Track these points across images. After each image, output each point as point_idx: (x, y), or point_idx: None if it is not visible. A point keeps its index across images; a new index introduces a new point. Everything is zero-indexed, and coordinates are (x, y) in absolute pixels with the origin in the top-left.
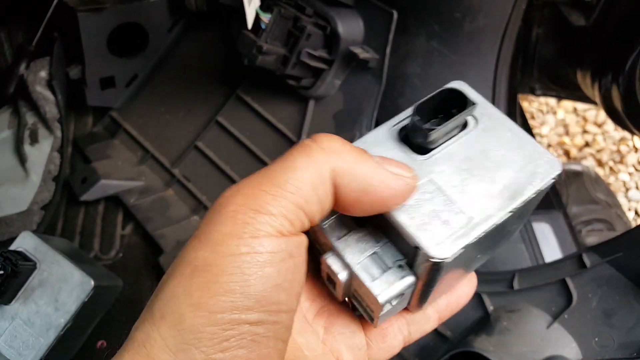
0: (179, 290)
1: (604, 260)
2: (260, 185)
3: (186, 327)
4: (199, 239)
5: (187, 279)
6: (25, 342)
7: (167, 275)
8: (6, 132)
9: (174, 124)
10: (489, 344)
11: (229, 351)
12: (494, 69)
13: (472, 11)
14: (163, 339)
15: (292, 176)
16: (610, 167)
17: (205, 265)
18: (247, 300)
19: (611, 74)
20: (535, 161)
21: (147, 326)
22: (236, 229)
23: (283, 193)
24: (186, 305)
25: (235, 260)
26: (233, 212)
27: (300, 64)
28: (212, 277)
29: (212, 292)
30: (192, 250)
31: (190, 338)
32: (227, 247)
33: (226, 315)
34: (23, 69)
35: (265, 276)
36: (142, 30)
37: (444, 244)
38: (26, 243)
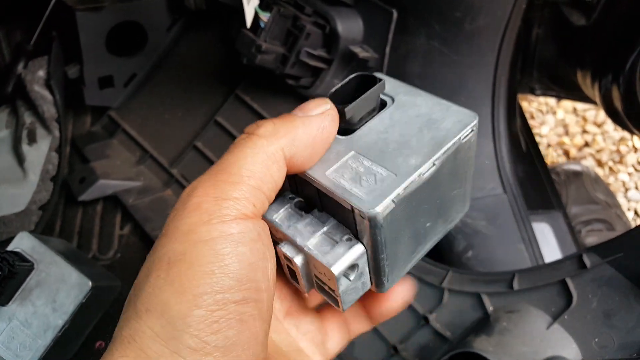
0: (159, 283)
1: (604, 261)
2: (217, 176)
3: (174, 314)
4: (167, 235)
5: (165, 271)
6: (22, 343)
7: (142, 274)
8: (4, 132)
9: (173, 123)
10: (489, 345)
11: (220, 332)
12: (494, 69)
13: (473, 11)
14: (152, 330)
15: (244, 163)
16: (609, 167)
17: (179, 254)
18: (228, 279)
19: (611, 74)
20: (452, 117)
21: (133, 322)
22: (203, 217)
23: (240, 178)
24: (169, 294)
25: (208, 245)
26: (196, 203)
27: (300, 63)
28: (189, 264)
29: (192, 277)
30: (162, 246)
31: (180, 324)
32: (197, 235)
33: (211, 296)
34: (21, 68)
35: (239, 254)
36: (141, 30)
37: (374, 200)
38: (23, 243)
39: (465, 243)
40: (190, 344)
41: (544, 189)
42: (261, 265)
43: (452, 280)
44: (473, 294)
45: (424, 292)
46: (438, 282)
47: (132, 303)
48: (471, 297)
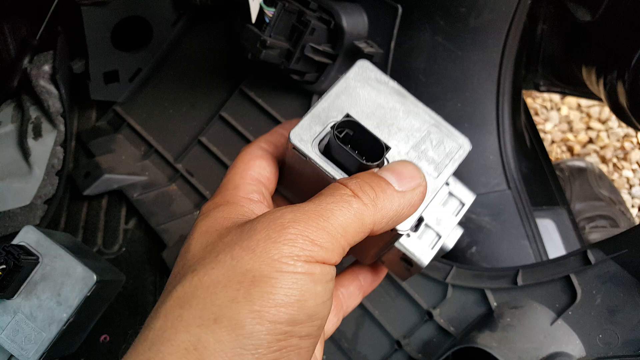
0: (238, 297)
1: (609, 257)
2: (319, 221)
3: (246, 333)
4: (254, 252)
5: (247, 287)
6: (27, 336)
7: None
8: (9, 126)
9: (178, 118)
10: (493, 340)
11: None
12: (499, 65)
13: (478, 6)
14: (218, 343)
15: (344, 222)
16: (614, 163)
17: (264, 277)
18: (302, 315)
19: (617, 70)
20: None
21: (196, 329)
22: (294, 250)
23: (335, 234)
24: (247, 312)
25: (293, 277)
26: (294, 235)
27: (304, 58)
28: (272, 288)
29: (273, 303)
30: (248, 262)
31: (247, 344)
32: (285, 265)
33: (283, 326)
34: (26, 62)
35: (317, 294)
36: (146, 24)
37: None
38: (29, 237)
39: (469, 239)
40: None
41: (548, 185)
42: (328, 305)
43: (456, 276)
44: (477, 290)
45: (428, 287)
46: (442, 278)
47: (196, 307)
48: (475, 292)
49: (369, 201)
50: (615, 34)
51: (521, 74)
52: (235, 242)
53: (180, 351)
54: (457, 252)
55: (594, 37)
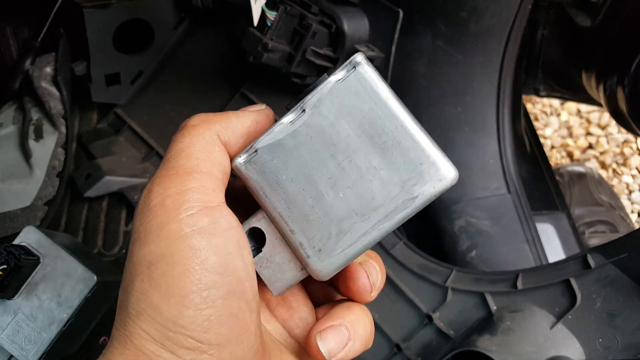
0: (144, 287)
1: (609, 261)
2: (168, 172)
3: (165, 317)
4: (139, 239)
5: (147, 274)
6: (27, 337)
7: (126, 280)
8: (11, 128)
9: (179, 121)
10: (492, 344)
11: (212, 330)
12: (499, 69)
13: (478, 11)
14: (147, 333)
15: (187, 152)
16: (613, 169)
17: (158, 256)
18: (210, 274)
19: (616, 76)
20: None
21: (129, 324)
22: (170, 214)
23: (190, 168)
24: (157, 298)
25: (183, 242)
26: (159, 201)
27: (306, 62)
28: (169, 264)
29: (175, 278)
30: (139, 250)
31: (172, 326)
32: (170, 233)
33: (197, 294)
34: (28, 64)
35: (215, 247)
36: (148, 27)
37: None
38: (29, 237)
39: (469, 242)
40: (185, 344)
41: (548, 190)
42: (238, 254)
43: (455, 280)
44: (477, 293)
45: (428, 290)
46: (442, 281)
47: (124, 307)
48: (475, 296)
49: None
50: (615, 40)
51: (521, 78)
52: None
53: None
54: (457, 256)
55: (593, 42)
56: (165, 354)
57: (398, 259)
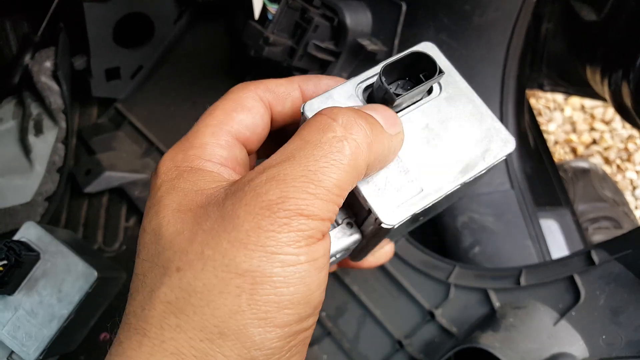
0: (242, 305)
1: (613, 257)
2: (309, 187)
3: (255, 344)
4: (247, 247)
5: (249, 292)
6: (28, 333)
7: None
8: (11, 123)
9: (179, 115)
10: (495, 341)
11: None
12: (503, 64)
13: (482, 4)
14: (226, 357)
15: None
16: (617, 165)
17: (266, 276)
18: (309, 309)
19: (621, 70)
20: (491, 137)
21: (201, 344)
22: (292, 236)
23: (330, 197)
24: (252, 321)
25: (297, 270)
26: (286, 218)
27: (307, 55)
28: (274, 289)
29: (278, 305)
30: (243, 260)
31: (258, 355)
32: (286, 257)
33: (292, 327)
34: (28, 59)
35: (320, 281)
36: (148, 21)
37: (395, 212)
38: (30, 233)
39: (472, 239)
40: None
41: (552, 185)
42: (324, 287)
43: (458, 276)
44: (479, 290)
45: (430, 287)
46: (444, 278)
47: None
48: (478, 292)
49: (366, 140)
50: (621, 34)
51: (525, 73)
52: (219, 232)
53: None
54: (460, 252)
55: (598, 36)
56: None
57: (400, 255)
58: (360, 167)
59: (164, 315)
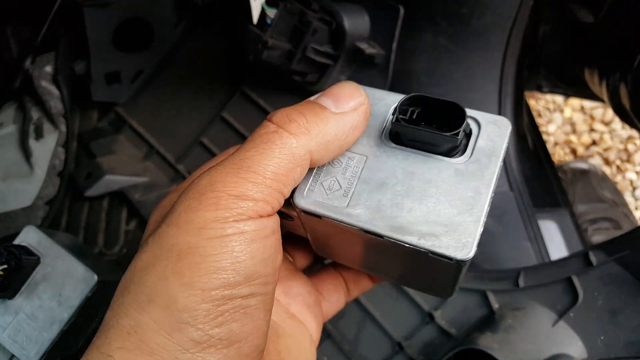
0: (166, 273)
1: (611, 259)
2: (240, 172)
3: (180, 307)
4: (178, 226)
5: (174, 262)
6: (28, 336)
7: (144, 261)
8: (11, 127)
9: (179, 119)
10: (494, 342)
11: (224, 325)
12: (501, 66)
13: (480, 7)
14: (155, 322)
15: (269, 163)
16: (617, 165)
17: (191, 247)
18: (238, 276)
19: (619, 72)
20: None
21: (133, 312)
22: (219, 214)
23: (263, 180)
24: (177, 286)
25: (222, 241)
26: (215, 199)
27: (306, 59)
28: (200, 257)
29: (203, 271)
30: (173, 236)
31: (185, 317)
32: (212, 231)
33: (219, 291)
34: (28, 63)
35: (253, 252)
36: (148, 26)
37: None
38: (30, 237)
39: None
40: (194, 336)
41: (551, 187)
42: (272, 260)
43: None
44: (478, 291)
45: None
46: None
47: (132, 291)
48: (476, 294)
49: (298, 129)
50: (618, 35)
51: (523, 75)
52: (164, 219)
53: (122, 335)
54: None
55: (596, 38)
56: (172, 346)
57: None
58: (297, 154)
59: (115, 297)
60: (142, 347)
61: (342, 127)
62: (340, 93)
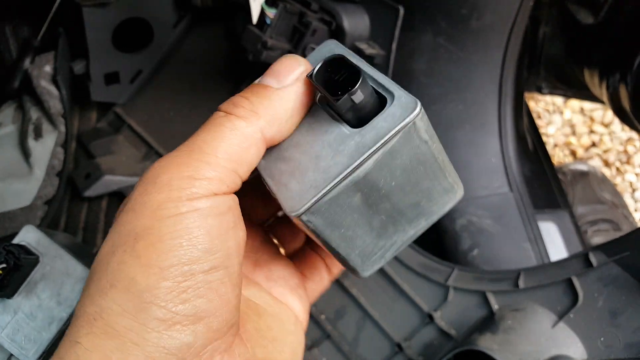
0: (125, 257)
1: (611, 260)
2: (191, 154)
3: (141, 287)
4: (134, 210)
5: (131, 246)
6: (27, 336)
7: (105, 249)
8: (10, 127)
9: (178, 120)
10: (494, 343)
11: (189, 302)
12: (501, 66)
13: (479, 8)
14: (119, 305)
15: (221, 144)
16: (617, 167)
17: (147, 229)
18: (196, 251)
19: (619, 73)
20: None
21: (98, 299)
22: (173, 194)
23: (216, 159)
24: (136, 268)
25: (176, 219)
26: (167, 180)
27: None
28: (156, 238)
29: (159, 251)
30: (129, 222)
31: (147, 296)
32: (166, 210)
33: (178, 268)
34: (28, 63)
35: (209, 227)
36: (147, 26)
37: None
38: (29, 236)
39: (470, 241)
40: (158, 315)
41: (551, 188)
42: (232, 235)
43: (457, 278)
44: (478, 292)
45: (429, 289)
46: (443, 280)
47: (96, 279)
48: (476, 295)
49: (245, 112)
50: (618, 37)
51: (523, 76)
52: (124, 209)
53: (89, 321)
54: (459, 255)
55: (596, 39)
56: (138, 327)
57: (399, 258)
58: (248, 134)
59: (84, 289)
60: (109, 330)
61: (287, 100)
62: (280, 69)
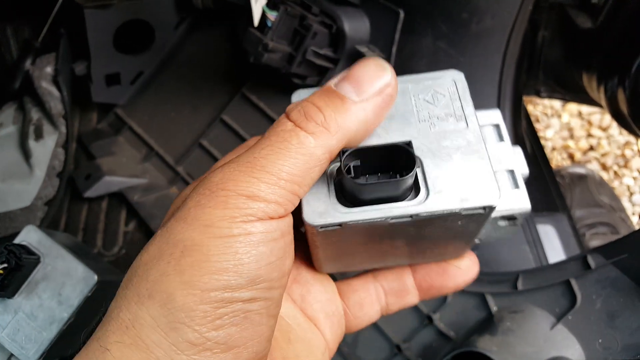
0: (168, 270)
1: (609, 262)
2: (253, 172)
3: (177, 305)
4: (186, 221)
5: (177, 259)
6: (27, 335)
7: (150, 254)
8: (11, 128)
9: (179, 121)
10: (493, 344)
11: (222, 329)
12: (500, 70)
13: (479, 12)
14: (153, 319)
15: (285, 164)
16: (614, 171)
17: (196, 245)
18: (240, 279)
19: (617, 77)
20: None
21: (134, 306)
22: (228, 212)
23: (277, 181)
24: (177, 284)
25: (227, 241)
26: (224, 197)
27: (306, 62)
28: (204, 256)
29: (204, 271)
30: (179, 232)
31: (182, 317)
32: (218, 229)
33: (218, 293)
34: (29, 64)
35: (258, 255)
36: (149, 28)
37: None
38: (30, 237)
39: None
40: (190, 337)
41: (549, 191)
42: (279, 264)
43: None
44: (477, 294)
45: None
46: None
47: (135, 284)
48: (475, 297)
49: (316, 129)
50: (616, 41)
51: (522, 79)
52: (174, 214)
53: (121, 328)
54: None
55: (594, 43)
56: (167, 345)
57: None
58: (315, 155)
59: (120, 289)
60: (139, 343)
61: (363, 117)
62: (362, 76)
